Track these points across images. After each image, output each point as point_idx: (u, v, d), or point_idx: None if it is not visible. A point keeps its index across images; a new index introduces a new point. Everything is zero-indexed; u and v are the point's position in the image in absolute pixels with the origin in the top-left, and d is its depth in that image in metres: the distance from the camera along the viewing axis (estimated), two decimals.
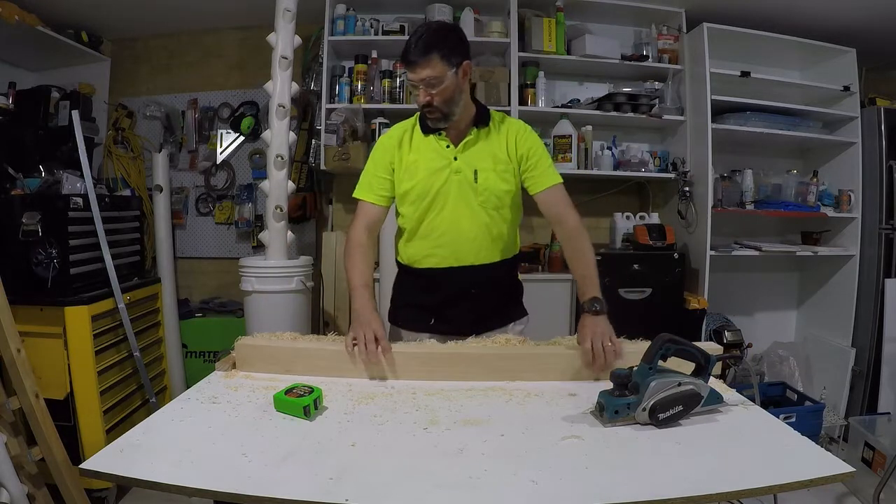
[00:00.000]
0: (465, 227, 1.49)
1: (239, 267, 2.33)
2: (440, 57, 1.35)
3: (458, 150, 1.48)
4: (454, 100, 1.41)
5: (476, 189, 1.47)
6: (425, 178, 1.48)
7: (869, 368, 2.87)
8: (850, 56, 2.95)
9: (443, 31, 1.41)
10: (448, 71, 1.37)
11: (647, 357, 1.04)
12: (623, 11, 2.89)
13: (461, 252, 1.50)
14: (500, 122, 1.53)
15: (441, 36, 1.38)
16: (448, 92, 1.39)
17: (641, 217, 2.89)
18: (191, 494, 0.81)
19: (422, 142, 1.50)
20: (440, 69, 1.36)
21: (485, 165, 1.48)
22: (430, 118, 1.44)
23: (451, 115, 1.43)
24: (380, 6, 2.85)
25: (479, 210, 1.48)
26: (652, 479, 0.84)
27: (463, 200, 1.48)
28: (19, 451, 1.75)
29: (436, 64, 1.35)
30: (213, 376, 1.28)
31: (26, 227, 2.11)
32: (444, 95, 1.39)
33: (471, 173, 1.47)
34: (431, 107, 1.40)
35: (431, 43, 1.35)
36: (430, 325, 1.54)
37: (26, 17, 2.52)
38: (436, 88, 1.37)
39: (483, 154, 1.48)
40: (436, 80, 1.36)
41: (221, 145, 3.17)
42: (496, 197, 1.49)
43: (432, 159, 1.48)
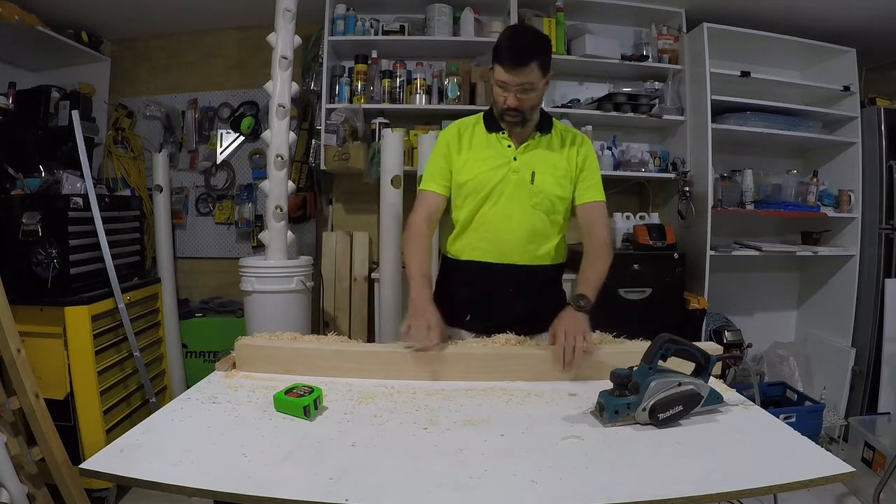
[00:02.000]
0: (514, 225, 1.50)
1: (239, 267, 2.33)
2: (539, 65, 1.38)
3: (518, 152, 1.51)
4: (537, 107, 1.48)
5: (532, 190, 1.49)
6: (483, 173, 1.50)
7: (869, 368, 2.87)
8: (850, 56, 2.95)
9: (542, 38, 1.44)
10: (541, 80, 1.41)
11: (647, 357, 1.04)
12: (623, 11, 2.89)
13: (506, 248, 1.51)
14: (562, 130, 1.57)
15: (542, 43, 1.42)
16: (536, 99, 1.44)
17: (641, 217, 2.89)
18: (191, 494, 0.81)
19: (484, 139, 1.54)
20: (537, 77, 1.39)
21: (543, 169, 1.50)
22: (509, 120, 1.46)
23: (530, 121, 1.48)
24: (380, 6, 2.85)
25: (530, 210, 1.50)
26: (652, 479, 0.84)
27: (517, 199, 1.50)
28: (19, 451, 1.75)
29: (535, 71, 1.38)
30: (213, 376, 1.28)
31: (26, 227, 2.11)
32: (533, 102, 1.43)
33: (528, 174, 1.49)
34: (517, 111, 1.43)
35: (534, 49, 1.38)
36: (466, 321, 1.54)
37: (26, 17, 2.52)
38: (528, 94, 1.41)
39: (543, 158, 1.51)
40: (530, 87, 1.39)
41: (221, 145, 3.17)
42: (550, 201, 1.51)
43: (492, 156, 1.51)
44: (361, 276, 2.85)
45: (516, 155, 1.51)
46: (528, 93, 1.40)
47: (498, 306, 1.52)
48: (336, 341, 1.35)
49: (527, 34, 1.44)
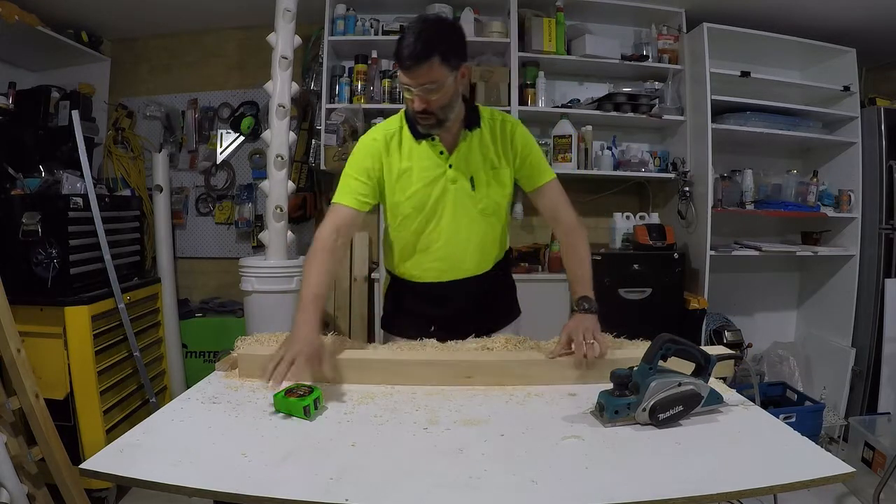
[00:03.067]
0: (463, 239, 1.43)
1: (239, 267, 2.33)
2: (441, 60, 1.22)
3: (452, 158, 1.39)
4: (451, 105, 1.31)
5: (474, 197, 1.41)
6: (421, 190, 1.39)
7: (869, 368, 2.87)
8: (850, 56, 2.95)
9: (444, 29, 1.28)
10: (449, 75, 1.25)
11: (647, 357, 1.04)
12: (623, 11, 2.89)
13: (459, 264, 1.44)
14: (490, 119, 1.44)
15: (442, 35, 1.25)
16: (446, 97, 1.28)
17: (641, 217, 2.89)
18: (191, 494, 0.81)
19: (414, 148, 1.39)
20: (440, 73, 1.23)
21: (481, 172, 1.41)
22: (422, 124, 1.33)
23: (447, 121, 1.33)
24: (380, 6, 2.85)
25: (477, 219, 1.43)
26: (652, 479, 0.84)
27: (461, 210, 1.41)
28: (19, 451, 1.75)
29: (436, 68, 1.22)
30: (213, 376, 1.28)
31: (26, 227, 2.11)
32: (442, 101, 1.27)
33: (467, 182, 1.40)
34: (427, 113, 1.29)
35: (432, 44, 1.21)
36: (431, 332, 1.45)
37: (26, 17, 2.52)
38: (434, 94, 1.25)
39: (478, 159, 1.41)
40: (435, 86, 1.24)
41: (221, 145, 3.17)
42: (495, 203, 1.44)
43: (426, 168, 1.39)
44: (361, 276, 2.85)
45: (451, 161, 1.39)
46: (433, 92, 1.24)
47: (464, 315, 1.46)
48: (336, 342, 1.35)
49: (424, 26, 1.24)
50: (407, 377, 1.23)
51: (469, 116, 1.40)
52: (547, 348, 1.32)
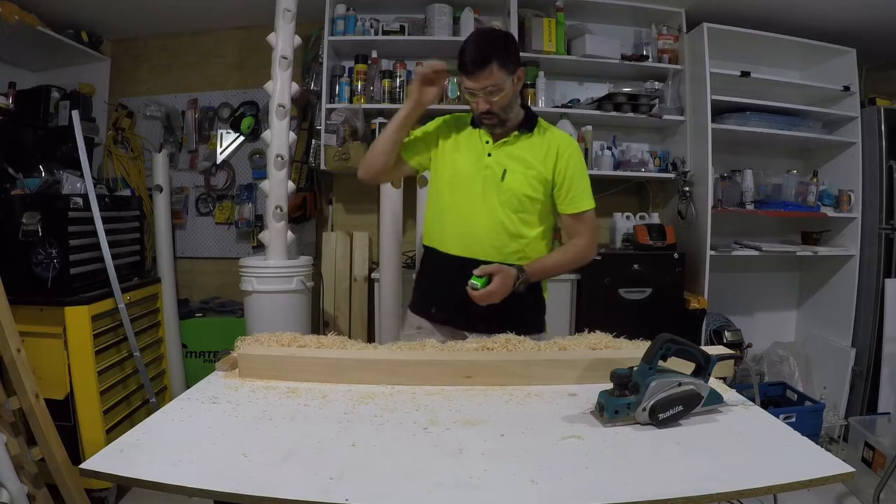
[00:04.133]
0: (479, 222, 1.51)
1: (239, 267, 2.33)
2: (499, 65, 1.38)
3: (493, 147, 1.52)
4: (510, 106, 1.47)
5: (500, 188, 1.49)
6: (455, 166, 1.54)
7: (869, 368, 2.87)
8: (850, 56, 2.95)
9: (500, 38, 1.44)
10: (507, 79, 1.41)
11: (647, 357, 1.04)
12: (623, 11, 2.89)
13: (472, 245, 1.52)
14: (545, 130, 1.56)
15: (499, 43, 1.42)
16: (506, 99, 1.43)
17: (641, 217, 2.89)
18: (191, 494, 0.81)
19: (467, 132, 1.56)
20: (500, 77, 1.39)
21: (515, 167, 1.50)
22: (486, 123, 1.49)
23: (507, 121, 1.49)
24: (380, 6, 2.85)
25: (497, 208, 1.50)
26: (652, 479, 0.84)
27: (485, 194, 1.50)
28: (19, 451, 1.75)
29: (496, 72, 1.38)
30: (213, 376, 1.28)
31: (26, 227, 2.11)
32: (503, 102, 1.43)
33: (499, 171, 1.50)
34: (490, 114, 1.44)
35: (491, 51, 1.38)
36: (431, 312, 1.57)
37: (26, 17, 2.52)
38: (496, 96, 1.41)
39: (517, 157, 1.51)
40: (495, 89, 1.40)
41: (221, 145, 3.17)
42: (518, 200, 1.50)
43: (468, 150, 1.54)
44: (361, 276, 2.85)
45: (491, 151, 1.52)
46: (494, 95, 1.41)
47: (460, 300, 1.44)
48: (337, 342, 1.35)
49: (483, 37, 1.45)
50: (407, 377, 1.23)
51: (525, 121, 1.54)
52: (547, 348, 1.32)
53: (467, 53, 1.41)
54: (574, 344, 1.35)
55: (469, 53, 1.41)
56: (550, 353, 1.31)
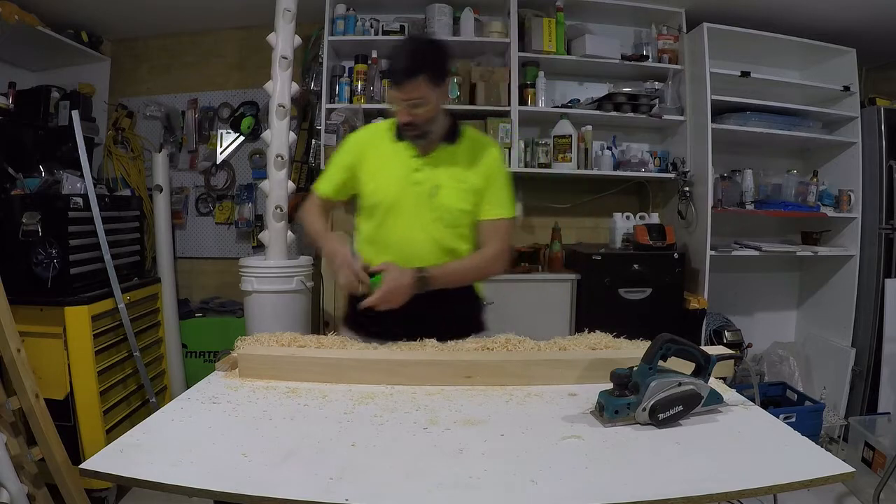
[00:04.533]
0: (416, 241, 1.47)
1: (239, 267, 2.33)
2: (428, 78, 1.33)
3: (422, 163, 1.47)
4: (435, 119, 1.41)
5: (432, 204, 1.46)
6: (384, 186, 1.48)
7: (869, 368, 2.87)
8: (850, 56, 2.95)
9: (431, 49, 1.39)
10: (433, 92, 1.36)
11: (647, 357, 1.04)
12: (623, 11, 2.89)
13: (411, 262, 1.45)
14: (471, 139, 1.51)
15: (430, 55, 1.36)
16: (431, 112, 1.38)
17: (641, 217, 2.89)
18: (191, 494, 0.81)
19: (391, 147, 1.50)
20: (427, 91, 1.34)
21: (446, 182, 1.46)
22: (407, 134, 1.43)
23: (430, 133, 1.43)
24: (380, 6, 2.85)
25: (431, 225, 1.47)
26: (652, 479, 0.84)
27: (417, 214, 1.46)
28: (19, 451, 1.75)
29: (423, 85, 1.33)
30: (213, 376, 1.28)
31: (26, 227, 2.11)
32: (427, 116, 1.38)
33: (430, 187, 1.46)
34: (412, 125, 1.39)
35: (421, 63, 1.33)
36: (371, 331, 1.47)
37: (26, 17, 2.52)
38: (420, 109, 1.36)
39: (447, 171, 1.47)
40: (421, 101, 1.35)
41: (221, 145, 3.17)
42: (452, 215, 1.47)
43: (396, 167, 1.48)
44: None
45: (419, 166, 1.47)
46: (419, 107, 1.36)
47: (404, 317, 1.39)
48: (337, 342, 1.35)
49: (411, 48, 1.38)
50: (407, 377, 1.23)
51: (450, 131, 1.49)
52: (547, 348, 1.32)
53: (396, 62, 1.36)
54: (574, 344, 1.35)
55: (398, 63, 1.35)
56: (550, 353, 1.31)
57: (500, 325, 1.60)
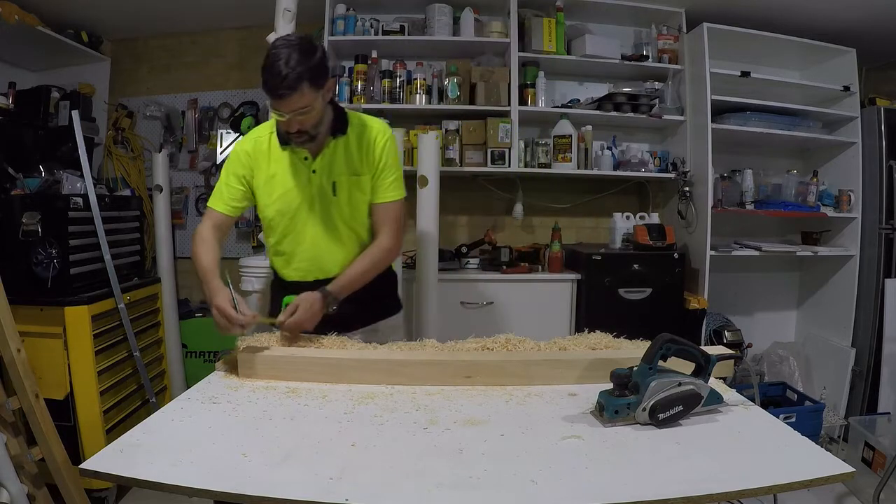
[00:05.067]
0: (326, 243, 1.48)
1: (239, 267, 2.33)
2: (310, 84, 1.29)
3: (316, 164, 1.45)
4: (321, 120, 1.39)
5: (335, 203, 1.47)
6: (285, 195, 1.46)
7: (869, 368, 2.87)
8: (850, 56, 2.95)
9: (306, 54, 1.30)
10: (317, 96, 1.32)
11: (647, 357, 1.04)
12: (623, 11, 2.89)
13: (325, 265, 1.50)
14: (358, 126, 1.49)
15: (307, 61, 1.28)
16: (317, 116, 1.36)
17: (641, 217, 2.89)
18: (191, 494, 0.81)
19: (280, 154, 1.47)
20: (311, 97, 1.30)
21: (343, 178, 1.46)
22: (297, 141, 1.40)
23: (319, 136, 1.41)
24: (380, 6, 2.85)
25: (339, 224, 1.48)
26: (652, 479, 0.84)
27: (323, 216, 1.47)
28: (19, 451, 1.75)
29: (306, 93, 1.29)
30: (213, 376, 1.28)
31: (26, 227, 2.11)
32: (315, 119, 1.36)
33: (329, 187, 1.45)
34: (301, 133, 1.36)
35: (299, 72, 1.26)
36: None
37: (26, 17, 2.52)
38: (306, 116, 1.33)
39: (341, 166, 1.46)
40: (307, 109, 1.31)
41: (221, 145, 3.17)
42: (353, 209, 1.48)
43: (291, 174, 1.46)
44: None
45: (314, 167, 1.45)
46: (305, 115, 1.32)
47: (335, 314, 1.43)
48: (337, 342, 1.35)
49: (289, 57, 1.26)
50: (407, 377, 1.23)
51: (336, 123, 1.46)
52: (547, 348, 1.32)
53: (272, 77, 1.27)
54: (574, 344, 1.35)
55: (275, 77, 1.26)
56: (550, 353, 1.31)
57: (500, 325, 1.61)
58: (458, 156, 2.75)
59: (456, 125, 2.76)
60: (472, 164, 2.76)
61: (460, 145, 2.75)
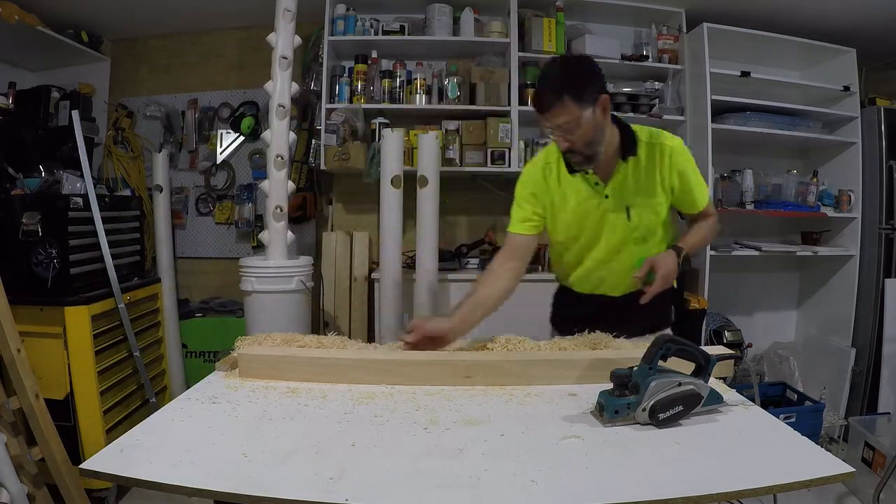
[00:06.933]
0: (620, 264, 1.50)
1: (239, 267, 2.33)
2: (573, 98, 1.26)
3: (608, 188, 1.43)
4: (596, 139, 1.33)
5: (629, 227, 1.46)
6: (576, 221, 1.48)
7: (869, 368, 2.87)
8: (850, 56, 2.95)
9: (573, 68, 1.32)
10: (584, 112, 1.28)
11: (647, 357, 1.04)
12: (623, 11, 2.89)
13: (618, 285, 1.53)
14: (648, 144, 1.43)
15: (571, 74, 1.29)
16: (588, 134, 1.30)
17: None
18: (191, 494, 0.81)
19: (569, 179, 1.46)
20: (575, 112, 1.27)
21: (637, 201, 1.44)
22: (572, 160, 1.38)
23: (596, 156, 1.36)
24: (380, 6, 2.85)
25: (633, 246, 1.48)
26: (652, 479, 0.83)
27: (617, 239, 1.48)
28: (19, 451, 1.76)
29: (570, 107, 1.26)
30: (213, 376, 1.28)
31: (26, 227, 2.11)
32: (585, 138, 1.31)
33: (623, 212, 1.44)
34: (572, 151, 1.34)
35: (562, 85, 1.27)
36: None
37: (26, 17, 2.52)
38: (574, 133, 1.29)
39: (634, 189, 1.44)
40: (572, 124, 1.28)
41: (221, 145, 3.17)
42: (648, 230, 1.48)
43: (582, 200, 1.46)
44: (361, 276, 2.85)
45: (607, 192, 1.43)
46: (573, 132, 1.29)
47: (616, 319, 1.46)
48: (337, 342, 1.35)
49: (554, 70, 1.32)
50: (407, 377, 1.23)
51: (624, 144, 1.41)
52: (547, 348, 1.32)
53: (537, 90, 1.33)
54: (574, 344, 1.35)
55: (538, 91, 1.32)
56: (550, 353, 1.31)
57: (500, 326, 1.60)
58: (458, 156, 2.75)
59: (456, 125, 2.76)
60: (472, 164, 2.76)
61: (460, 145, 2.75)
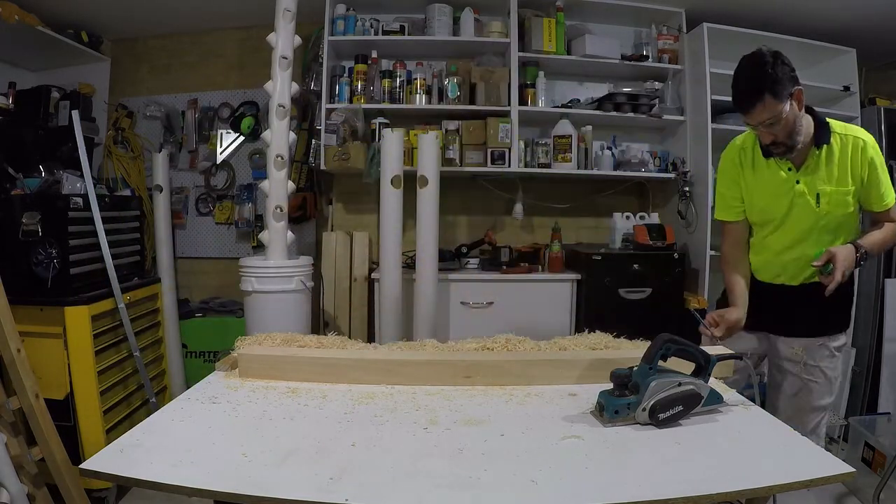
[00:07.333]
0: (803, 252, 1.53)
1: (239, 267, 2.33)
2: (771, 95, 1.35)
3: (800, 174, 1.51)
4: (796, 130, 1.43)
5: (818, 213, 1.50)
6: (769, 202, 1.55)
7: (869, 368, 2.87)
8: (850, 56, 2.95)
9: (762, 66, 1.39)
10: (783, 106, 1.37)
11: (647, 357, 1.04)
12: (623, 11, 2.89)
13: (797, 275, 1.56)
14: (841, 135, 1.50)
15: (764, 72, 1.37)
16: (789, 126, 1.41)
17: (641, 217, 2.89)
18: (191, 494, 0.81)
19: (763, 163, 1.56)
20: (774, 108, 1.36)
21: (827, 188, 1.49)
22: (775, 152, 1.48)
23: (797, 145, 1.45)
24: (380, 6, 2.85)
25: (817, 233, 1.52)
26: (652, 479, 0.84)
27: (805, 224, 1.52)
28: (19, 451, 1.75)
29: (769, 104, 1.36)
30: (213, 376, 1.28)
31: (26, 227, 2.11)
32: (787, 130, 1.41)
33: (813, 197, 1.49)
34: (776, 144, 1.44)
35: (758, 83, 1.36)
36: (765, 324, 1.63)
37: (26, 17, 2.52)
38: (776, 127, 1.40)
39: (825, 176, 1.49)
40: (774, 120, 1.38)
41: (221, 145, 3.17)
42: (836, 221, 1.51)
43: (775, 183, 1.53)
44: (361, 276, 2.85)
45: (799, 178, 1.51)
46: (775, 126, 1.40)
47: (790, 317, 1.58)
48: (337, 342, 1.35)
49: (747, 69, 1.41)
50: (407, 377, 1.23)
51: (819, 133, 1.49)
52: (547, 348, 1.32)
53: (735, 91, 1.41)
54: (574, 344, 1.35)
55: (738, 91, 1.40)
56: (550, 353, 1.31)
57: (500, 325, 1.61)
58: (458, 156, 2.76)
59: (456, 125, 2.76)
60: (472, 164, 2.77)
61: (460, 145, 2.75)
